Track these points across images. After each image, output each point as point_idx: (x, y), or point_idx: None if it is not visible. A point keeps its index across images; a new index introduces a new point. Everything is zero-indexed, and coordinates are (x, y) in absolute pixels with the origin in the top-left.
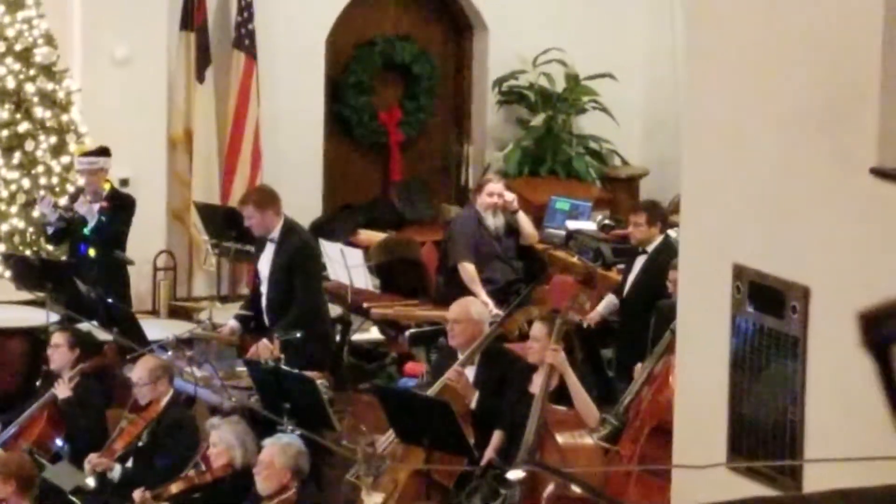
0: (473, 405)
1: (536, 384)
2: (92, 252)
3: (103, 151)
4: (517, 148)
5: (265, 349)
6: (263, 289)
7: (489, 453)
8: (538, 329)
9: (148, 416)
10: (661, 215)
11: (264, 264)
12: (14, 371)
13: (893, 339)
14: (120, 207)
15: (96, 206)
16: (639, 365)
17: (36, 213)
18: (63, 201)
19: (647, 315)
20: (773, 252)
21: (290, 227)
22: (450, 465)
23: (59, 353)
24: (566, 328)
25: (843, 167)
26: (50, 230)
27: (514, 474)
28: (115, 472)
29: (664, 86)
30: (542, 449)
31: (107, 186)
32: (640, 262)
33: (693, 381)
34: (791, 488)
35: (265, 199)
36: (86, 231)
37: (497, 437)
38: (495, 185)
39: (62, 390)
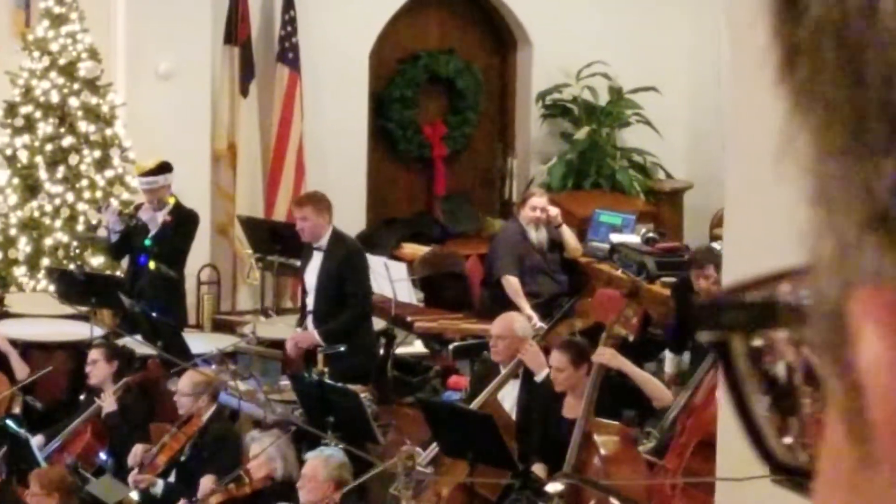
0: (539, 379)
1: (568, 406)
2: (152, 264)
3: (163, 168)
4: (561, 161)
5: (308, 338)
6: (310, 300)
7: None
8: (556, 359)
9: (189, 430)
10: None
11: (311, 274)
12: (58, 385)
13: (735, 330)
14: (183, 222)
15: (160, 216)
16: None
17: (101, 220)
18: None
19: None
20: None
21: (338, 236)
22: (493, 479)
23: (98, 367)
24: (612, 343)
25: None
26: (113, 238)
27: (553, 487)
28: (158, 487)
29: (708, 98)
30: (586, 462)
31: (171, 201)
32: None
33: None
34: None
35: (322, 203)
36: (146, 242)
37: (539, 470)
38: (539, 200)
39: (107, 404)
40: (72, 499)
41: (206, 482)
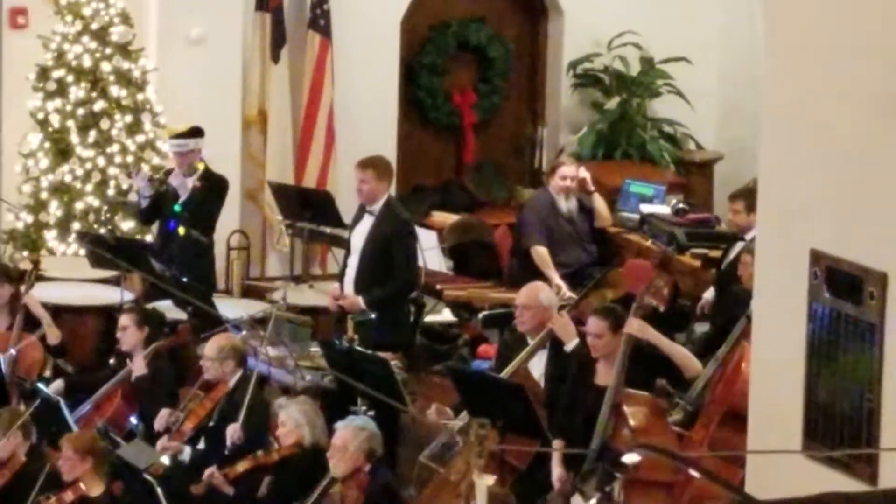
0: (569, 348)
1: (600, 374)
2: (181, 230)
3: (194, 133)
4: (591, 131)
5: (353, 301)
6: (352, 260)
7: (557, 471)
8: (595, 325)
9: (215, 396)
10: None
11: (358, 236)
12: (88, 349)
13: None
14: (213, 188)
15: (190, 181)
16: None
17: (131, 185)
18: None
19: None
20: (850, 238)
21: (392, 204)
22: (528, 447)
23: (128, 333)
24: (642, 313)
25: None
26: (143, 203)
27: (631, 458)
28: (186, 453)
29: (740, 70)
30: (615, 432)
31: (200, 166)
32: (737, 248)
33: (769, 368)
34: (867, 476)
35: (387, 170)
36: (176, 207)
37: (557, 446)
38: (568, 169)
39: (137, 368)
40: (103, 463)
41: (207, 473)
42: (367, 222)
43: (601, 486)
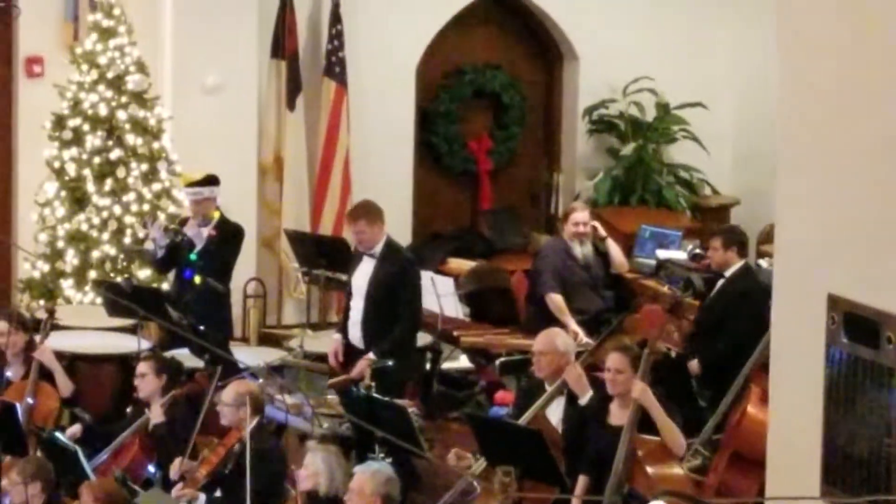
0: (584, 402)
1: (614, 414)
2: (197, 279)
3: (210, 181)
4: (607, 177)
5: (364, 366)
6: (356, 303)
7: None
8: (617, 360)
9: (228, 442)
10: (738, 240)
11: (360, 278)
12: (106, 398)
13: None
14: (228, 237)
15: (205, 231)
16: None
17: (147, 234)
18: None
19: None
20: (868, 282)
21: (393, 244)
22: (546, 494)
23: (146, 381)
24: (654, 358)
25: None
26: (159, 254)
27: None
28: (200, 501)
29: (755, 114)
30: (632, 479)
31: (216, 215)
32: (717, 286)
33: (787, 412)
34: None
35: (376, 213)
36: (192, 256)
37: (581, 483)
38: (581, 214)
39: (155, 416)
40: None
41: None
42: (368, 264)
43: None
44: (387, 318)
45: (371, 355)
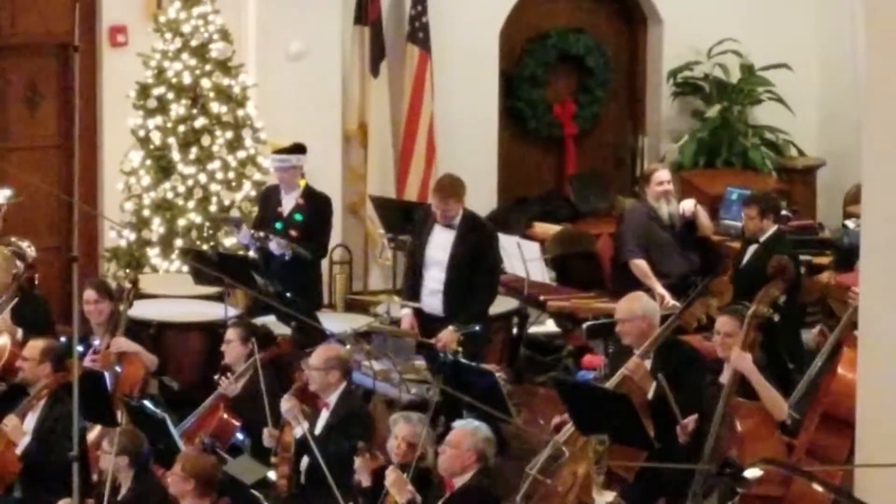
0: (650, 396)
1: (726, 374)
2: (287, 254)
3: (297, 149)
4: (692, 139)
5: (451, 338)
6: (434, 273)
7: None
8: (727, 324)
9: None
10: (773, 207)
11: (437, 249)
12: (193, 365)
13: None
14: (317, 209)
15: (287, 252)
16: None
17: (232, 241)
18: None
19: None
20: None
21: (471, 214)
22: (634, 462)
23: (232, 347)
24: (756, 322)
25: None
26: (253, 253)
27: (752, 473)
28: (302, 464)
29: (841, 75)
30: (727, 443)
31: (302, 183)
32: (751, 250)
33: (875, 377)
34: None
35: (463, 190)
36: (278, 225)
37: (692, 420)
38: (663, 173)
39: (231, 386)
40: (208, 490)
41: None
42: (446, 235)
43: (723, 501)
44: (468, 287)
45: (454, 327)
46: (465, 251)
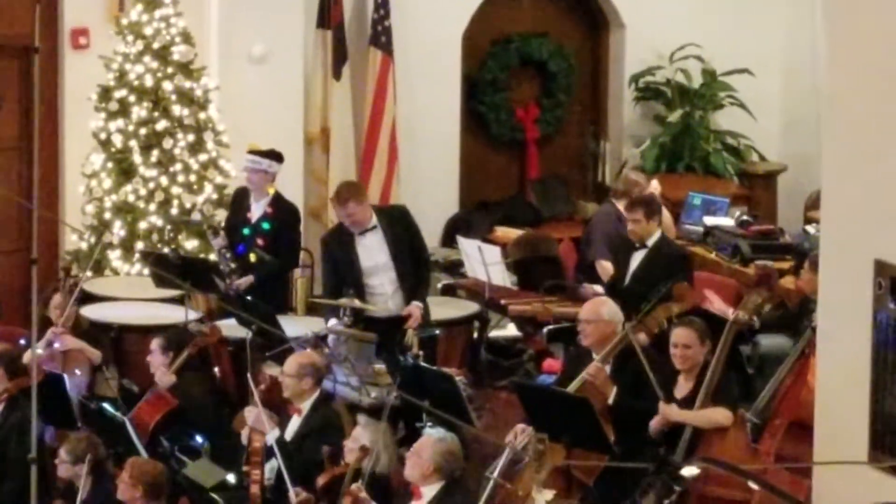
0: (611, 401)
1: (681, 387)
2: (252, 256)
3: (273, 155)
4: (654, 144)
5: (418, 312)
6: (379, 279)
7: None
8: (686, 336)
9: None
10: (658, 210)
11: (371, 256)
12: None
13: None
14: (285, 218)
15: (244, 282)
16: None
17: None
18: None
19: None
20: None
21: (379, 208)
22: (593, 462)
23: (154, 357)
24: (736, 329)
25: None
26: (229, 264)
27: (689, 471)
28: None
29: (802, 80)
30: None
31: (270, 190)
32: (637, 256)
33: (834, 378)
34: None
35: (362, 191)
36: (245, 231)
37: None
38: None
39: (164, 378)
40: (157, 495)
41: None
42: (371, 238)
43: (660, 500)
44: (414, 270)
45: (416, 302)
46: (399, 244)
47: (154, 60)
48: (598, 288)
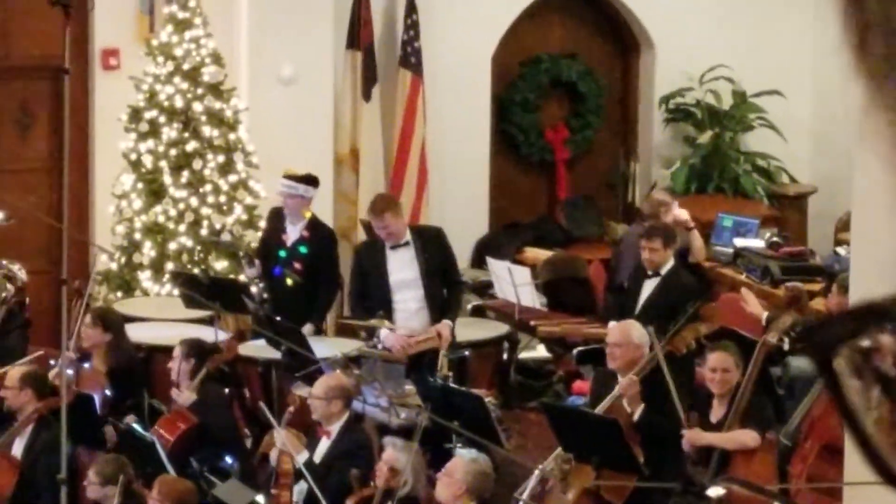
0: (636, 418)
1: (716, 411)
2: (288, 281)
3: (308, 179)
4: (684, 166)
5: (448, 330)
6: (405, 295)
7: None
8: (723, 360)
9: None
10: (674, 238)
11: (401, 271)
12: None
13: (836, 345)
14: (322, 244)
15: (297, 230)
16: None
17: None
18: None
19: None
20: None
21: (414, 226)
22: (621, 482)
23: (175, 363)
24: (766, 350)
25: None
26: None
27: (715, 491)
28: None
29: (833, 102)
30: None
31: (307, 214)
32: (650, 284)
33: None
34: None
35: (397, 204)
36: (281, 253)
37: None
38: (681, 211)
39: (183, 399)
40: None
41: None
42: (404, 254)
43: None
44: (444, 291)
45: (447, 320)
46: (431, 260)
47: (184, 81)
48: None
